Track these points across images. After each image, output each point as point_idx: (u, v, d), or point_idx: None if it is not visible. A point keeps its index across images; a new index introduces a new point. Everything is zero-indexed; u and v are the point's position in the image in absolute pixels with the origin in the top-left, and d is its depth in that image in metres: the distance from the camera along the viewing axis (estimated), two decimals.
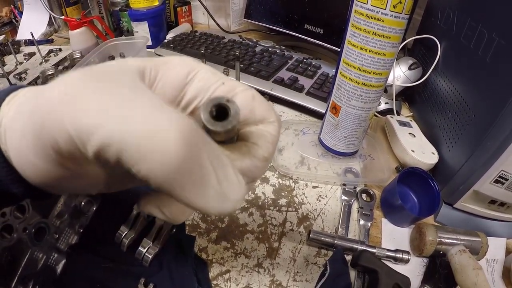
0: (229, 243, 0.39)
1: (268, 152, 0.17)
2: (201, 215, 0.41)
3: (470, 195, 0.40)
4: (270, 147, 0.17)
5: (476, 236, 0.38)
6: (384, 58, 0.37)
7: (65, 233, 0.34)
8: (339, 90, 0.43)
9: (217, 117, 0.14)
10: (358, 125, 0.44)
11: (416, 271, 0.38)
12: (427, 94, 0.57)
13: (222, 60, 0.68)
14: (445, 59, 0.53)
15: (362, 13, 0.35)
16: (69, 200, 0.34)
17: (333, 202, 0.45)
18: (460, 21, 0.48)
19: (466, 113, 0.42)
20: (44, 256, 0.31)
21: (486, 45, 0.40)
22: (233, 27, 0.91)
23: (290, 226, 0.41)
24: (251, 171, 0.16)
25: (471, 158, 0.39)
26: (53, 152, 0.13)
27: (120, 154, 0.11)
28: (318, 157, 0.50)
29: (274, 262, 0.37)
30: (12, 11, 0.88)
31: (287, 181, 0.47)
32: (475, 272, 0.33)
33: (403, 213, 0.41)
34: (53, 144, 0.12)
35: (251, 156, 0.16)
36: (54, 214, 0.32)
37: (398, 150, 0.51)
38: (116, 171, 0.16)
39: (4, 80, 0.63)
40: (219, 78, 0.17)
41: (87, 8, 0.87)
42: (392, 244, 0.40)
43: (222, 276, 0.36)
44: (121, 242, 0.35)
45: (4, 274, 0.27)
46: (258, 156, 0.16)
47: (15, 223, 0.28)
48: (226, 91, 0.17)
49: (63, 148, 0.12)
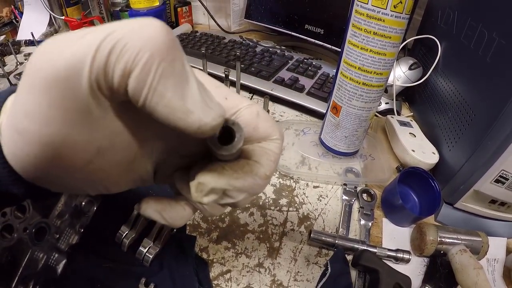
0: (230, 243, 0.39)
1: (270, 170, 0.17)
2: (201, 215, 0.41)
3: (470, 194, 0.40)
4: (272, 165, 0.17)
5: (477, 235, 0.38)
6: (385, 58, 0.37)
7: (65, 233, 0.34)
8: (340, 90, 0.43)
9: (221, 138, 0.14)
10: (359, 125, 0.44)
11: (417, 271, 0.38)
12: (428, 94, 0.58)
13: (223, 60, 0.68)
14: (445, 59, 0.53)
15: (363, 13, 0.35)
16: (70, 200, 0.34)
17: (333, 202, 0.45)
18: (460, 21, 0.48)
19: (466, 113, 0.42)
20: (45, 256, 0.31)
21: (486, 45, 0.40)
22: (233, 28, 0.91)
23: (291, 226, 0.41)
24: (252, 188, 0.16)
25: (471, 158, 0.39)
26: (56, 105, 0.12)
27: (116, 48, 0.11)
28: (318, 157, 0.50)
29: (275, 262, 0.37)
30: (12, 11, 0.88)
31: (288, 181, 0.47)
32: (476, 272, 0.33)
33: (403, 213, 0.41)
34: (54, 95, 0.12)
35: (253, 174, 0.16)
36: (55, 214, 0.32)
37: (398, 150, 0.51)
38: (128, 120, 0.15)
39: (4, 80, 0.63)
40: (222, 92, 0.17)
41: (87, 8, 0.87)
42: (393, 243, 0.40)
43: (223, 276, 0.36)
44: (122, 242, 0.35)
45: (5, 274, 0.27)
46: (259, 174, 0.16)
47: (15, 223, 0.28)
48: (230, 107, 0.17)
49: (66, 88, 0.11)
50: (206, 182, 0.15)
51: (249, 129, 0.17)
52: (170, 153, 0.19)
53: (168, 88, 0.12)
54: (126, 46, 0.11)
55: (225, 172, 0.16)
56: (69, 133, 0.12)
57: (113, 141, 0.15)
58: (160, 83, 0.12)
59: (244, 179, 0.16)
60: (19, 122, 0.12)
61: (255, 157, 0.17)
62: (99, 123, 0.13)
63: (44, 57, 0.11)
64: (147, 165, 0.18)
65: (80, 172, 0.15)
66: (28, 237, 0.29)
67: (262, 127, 0.17)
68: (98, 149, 0.14)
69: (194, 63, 0.67)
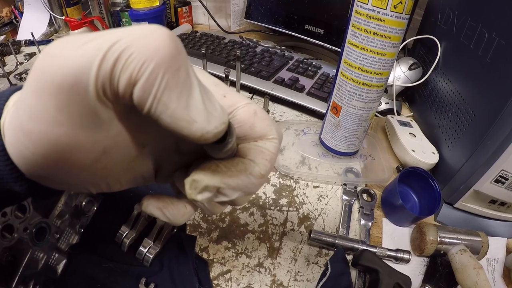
0: (230, 243, 0.39)
1: (265, 170, 0.17)
2: (202, 215, 0.41)
3: (470, 194, 0.40)
4: (267, 165, 0.17)
5: (477, 235, 0.38)
6: (385, 58, 0.37)
7: (65, 233, 0.34)
8: (340, 90, 0.43)
9: None
10: (359, 125, 0.44)
11: (417, 271, 0.38)
12: (427, 94, 0.58)
13: (223, 60, 0.68)
14: (445, 59, 0.53)
15: (363, 13, 0.35)
16: (70, 200, 0.34)
17: (334, 202, 0.45)
18: (460, 21, 0.48)
19: (466, 113, 0.42)
20: (45, 256, 0.31)
21: (486, 45, 0.40)
22: (233, 28, 0.91)
23: (291, 226, 0.41)
24: (247, 187, 0.16)
25: (471, 157, 0.39)
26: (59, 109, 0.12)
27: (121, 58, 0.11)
28: (318, 157, 0.50)
29: (275, 261, 0.37)
30: (12, 11, 0.88)
31: (288, 181, 0.47)
32: (476, 272, 0.33)
33: (403, 213, 0.41)
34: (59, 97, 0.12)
35: (247, 173, 0.16)
36: (55, 214, 0.32)
37: (398, 150, 0.51)
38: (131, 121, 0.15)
39: (4, 80, 0.63)
40: (221, 89, 0.17)
41: (87, 8, 0.87)
42: (393, 243, 0.40)
43: (223, 276, 0.36)
44: (122, 242, 0.35)
45: (5, 274, 0.27)
46: (254, 173, 0.16)
47: (16, 223, 0.28)
48: (228, 105, 0.17)
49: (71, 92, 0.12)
50: (199, 180, 0.16)
51: (245, 127, 0.17)
52: (171, 152, 0.19)
53: (172, 99, 0.12)
54: (131, 56, 0.11)
55: (219, 170, 0.16)
56: (75, 135, 0.13)
57: (117, 141, 0.15)
58: (165, 94, 0.12)
59: (238, 178, 0.16)
60: (25, 121, 0.12)
61: (250, 155, 0.17)
62: (105, 125, 0.14)
63: (51, 61, 0.11)
64: (148, 163, 0.18)
65: (84, 171, 0.15)
66: (29, 237, 0.29)
67: (258, 125, 0.17)
68: (103, 149, 0.14)
69: (194, 63, 0.67)
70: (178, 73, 0.12)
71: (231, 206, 0.42)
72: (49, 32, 0.90)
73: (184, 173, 0.19)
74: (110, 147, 0.15)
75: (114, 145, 0.15)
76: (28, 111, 0.12)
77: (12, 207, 0.27)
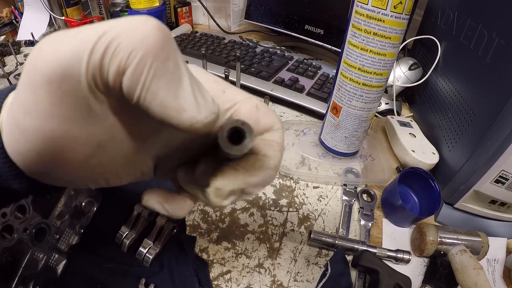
0: (230, 243, 0.39)
1: (278, 160, 0.17)
2: (202, 215, 0.41)
3: (470, 195, 0.40)
4: (278, 155, 0.17)
5: (477, 236, 0.38)
6: (385, 58, 0.37)
7: (65, 233, 0.34)
8: (340, 91, 0.43)
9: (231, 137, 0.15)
10: (359, 126, 0.44)
11: (417, 271, 0.38)
12: (427, 95, 0.58)
13: (223, 60, 0.68)
14: (445, 60, 0.53)
15: (363, 14, 0.35)
16: (70, 200, 0.34)
17: (333, 202, 0.45)
18: (460, 21, 0.48)
19: (466, 113, 0.42)
20: (45, 256, 0.31)
21: (486, 45, 0.40)
22: (233, 28, 0.91)
23: (291, 226, 0.41)
24: (266, 181, 0.17)
25: (471, 158, 0.39)
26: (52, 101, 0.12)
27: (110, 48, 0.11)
28: (318, 157, 0.50)
29: (275, 262, 0.37)
30: (12, 11, 0.88)
31: (288, 181, 0.47)
32: (476, 272, 0.33)
33: (403, 213, 0.41)
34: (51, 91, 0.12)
35: (265, 168, 0.17)
36: (55, 214, 0.32)
37: (398, 150, 0.51)
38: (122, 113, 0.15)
39: (4, 80, 0.63)
40: (220, 85, 0.17)
41: (87, 8, 0.87)
42: (393, 244, 0.40)
43: (223, 276, 0.36)
44: (122, 242, 0.35)
45: (5, 274, 0.27)
46: (270, 166, 0.17)
47: (15, 223, 0.28)
48: (228, 99, 0.17)
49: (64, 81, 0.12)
50: (223, 187, 0.16)
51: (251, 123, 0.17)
52: (171, 147, 0.19)
53: (161, 87, 0.12)
54: (119, 45, 0.11)
55: (239, 173, 0.16)
56: (70, 128, 0.13)
57: (112, 135, 0.15)
58: (153, 82, 0.12)
59: (257, 175, 0.16)
60: (20, 118, 0.13)
61: (262, 151, 0.17)
62: (99, 117, 0.14)
63: (42, 56, 0.12)
64: (147, 158, 0.18)
65: (81, 166, 0.15)
66: (28, 238, 0.29)
67: (263, 120, 0.17)
68: (98, 143, 0.14)
69: (194, 63, 0.67)
70: (166, 62, 0.12)
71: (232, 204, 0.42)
72: (49, 33, 0.89)
73: (187, 169, 0.19)
74: (105, 141, 0.15)
75: (110, 139, 0.15)
76: (22, 107, 0.12)
77: (12, 208, 0.27)
